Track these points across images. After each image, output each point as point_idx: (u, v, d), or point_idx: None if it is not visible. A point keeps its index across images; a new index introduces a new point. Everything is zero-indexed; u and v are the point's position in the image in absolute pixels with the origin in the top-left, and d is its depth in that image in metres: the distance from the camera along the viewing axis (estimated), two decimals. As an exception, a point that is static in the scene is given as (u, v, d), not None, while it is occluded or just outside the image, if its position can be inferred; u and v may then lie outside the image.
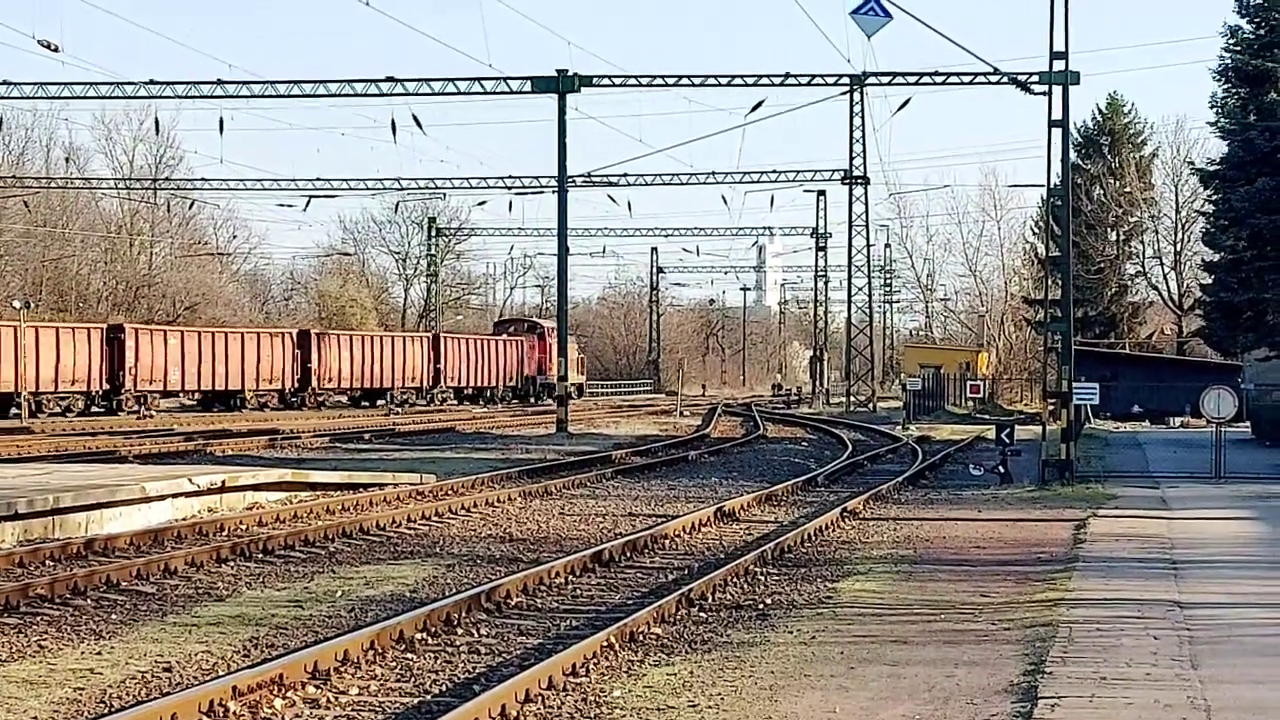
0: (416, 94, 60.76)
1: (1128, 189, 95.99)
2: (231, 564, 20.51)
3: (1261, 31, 59.59)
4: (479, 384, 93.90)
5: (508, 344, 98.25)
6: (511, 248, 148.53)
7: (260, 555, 21.26)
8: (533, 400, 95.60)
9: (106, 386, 67.99)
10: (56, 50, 53.79)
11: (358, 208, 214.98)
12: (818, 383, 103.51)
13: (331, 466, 34.82)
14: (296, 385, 79.08)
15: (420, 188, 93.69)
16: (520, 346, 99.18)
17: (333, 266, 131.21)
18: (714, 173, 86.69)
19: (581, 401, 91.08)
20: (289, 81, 61.59)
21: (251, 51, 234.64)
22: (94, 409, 66.89)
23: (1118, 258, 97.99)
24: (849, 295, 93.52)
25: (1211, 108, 63.65)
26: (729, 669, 14.02)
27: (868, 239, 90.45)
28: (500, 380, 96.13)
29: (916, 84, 60.52)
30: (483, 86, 59.86)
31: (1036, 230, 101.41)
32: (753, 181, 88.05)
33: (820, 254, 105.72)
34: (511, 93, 59.79)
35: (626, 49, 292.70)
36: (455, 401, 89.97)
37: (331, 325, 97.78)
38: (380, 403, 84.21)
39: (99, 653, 14.76)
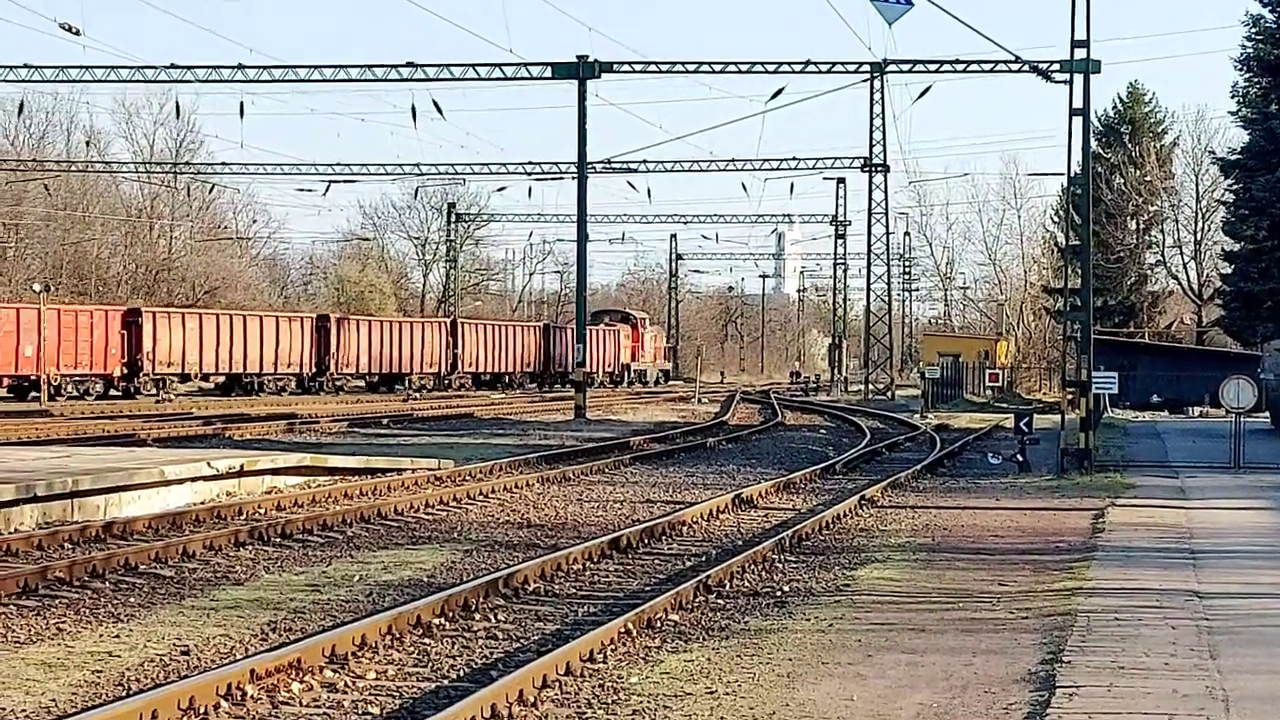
0: (437, 79, 60.83)
1: (1148, 178, 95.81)
2: (249, 548, 20.53)
3: (1284, 21, 59.41)
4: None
5: (605, 333, 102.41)
6: (531, 233, 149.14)
7: (278, 539, 21.28)
8: (627, 385, 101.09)
9: (314, 370, 77.52)
10: (78, 34, 53.86)
11: (377, 193, 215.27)
12: (836, 371, 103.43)
13: (349, 451, 34.86)
14: (449, 369, 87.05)
15: (440, 173, 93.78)
16: (617, 336, 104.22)
17: (352, 251, 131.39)
18: (734, 160, 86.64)
19: (599, 388, 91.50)
20: (310, 66, 61.74)
21: (273, 36, 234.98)
22: (292, 390, 75.75)
23: (1137, 247, 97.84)
24: (868, 283, 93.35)
25: (1233, 97, 63.56)
26: (746, 656, 14.01)
27: (887, 227, 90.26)
28: (599, 366, 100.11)
29: (937, 72, 60.46)
30: (503, 72, 59.87)
31: (1056, 219, 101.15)
32: (772, 169, 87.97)
33: (839, 242, 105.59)
34: (532, 79, 59.82)
35: (647, 35, 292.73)
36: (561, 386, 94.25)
37: (350, 310, 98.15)
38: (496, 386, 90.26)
39: (117, 635, 14.78)
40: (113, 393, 66.22)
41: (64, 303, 71.13)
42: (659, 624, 15.35)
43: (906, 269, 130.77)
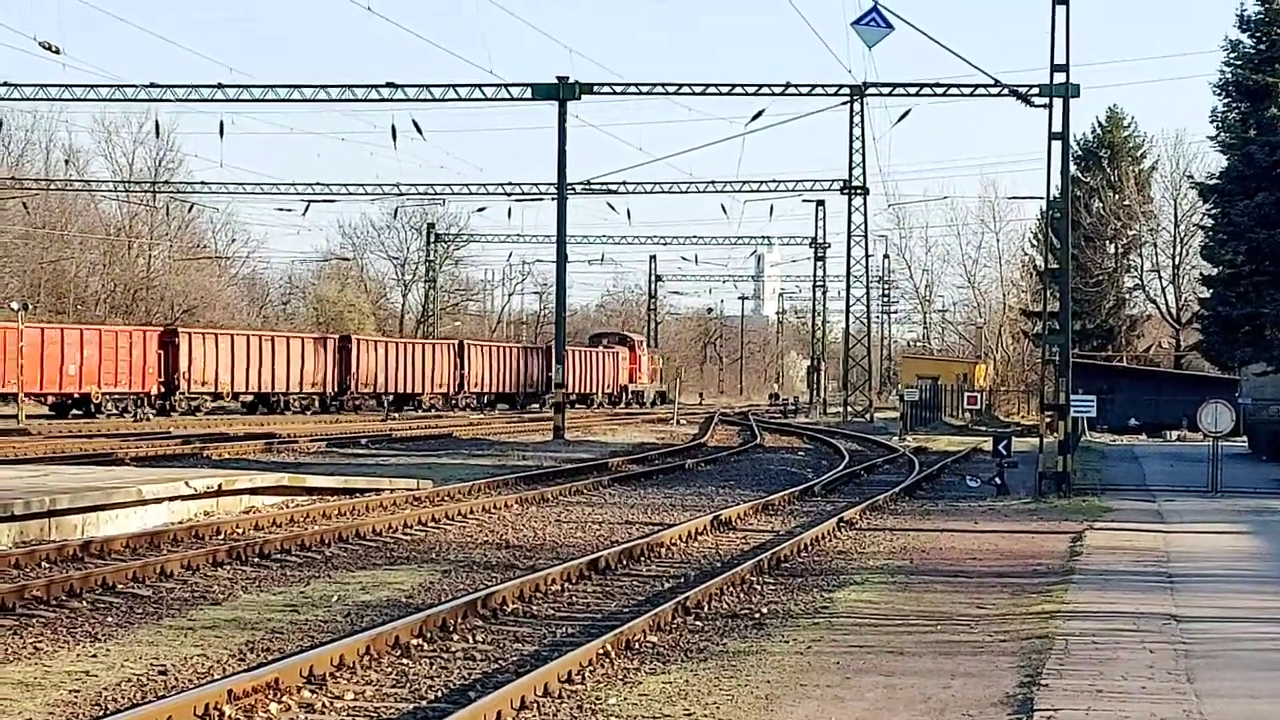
0: (417, 100, 60.87)
1: (1127, 202, 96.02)
2: (228, 568, 20.49)
3: (1262, 46, 59.53)
4: (581, 390, 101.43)
5: (605, 355, 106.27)
6: (510, 254, 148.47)
7: (256, 559, 21.25)
8: (624, 406, 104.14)
9: (335, 389, 79.99)
10: (57, 52, 53.85)
11: (357, 213, 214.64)
12: (815, 393, 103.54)
13: (328, 471, 34.81)
14: (456, 389, 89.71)
15: (420, 193, 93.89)
16: (616, 357, 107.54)
17: (331, 271, 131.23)
18: (713, 181, 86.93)
19: (578, 409, 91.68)
20: (290, 86, 61.71)
21: (252, 55, 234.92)
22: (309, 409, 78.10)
23: (1116, 271, 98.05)
24: (847, 305, 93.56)
25: (1211, 122, 63.69)
26: (725, 678, 14.00)
27: (866, 249, 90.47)
28: (599, 387, 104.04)
29: (917, 95, 60.66)
30: (483, 93, 59.94)
31: (1035, 242, 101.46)
32: (752, 190, 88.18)
33: (819, 264, 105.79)
34: (512, 99, 59.88)
35: (627, 57, 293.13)
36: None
37: (329, 330, 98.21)
38: (501, 406, 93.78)
39: (94, 655, 14.74)
40: (148, 409, 68.05)
41: (101, 323, 74.78)
42: (637, 645, 15.35)
43: (885, 291, 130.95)
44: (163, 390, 69.57)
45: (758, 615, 17.52)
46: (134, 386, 67.72)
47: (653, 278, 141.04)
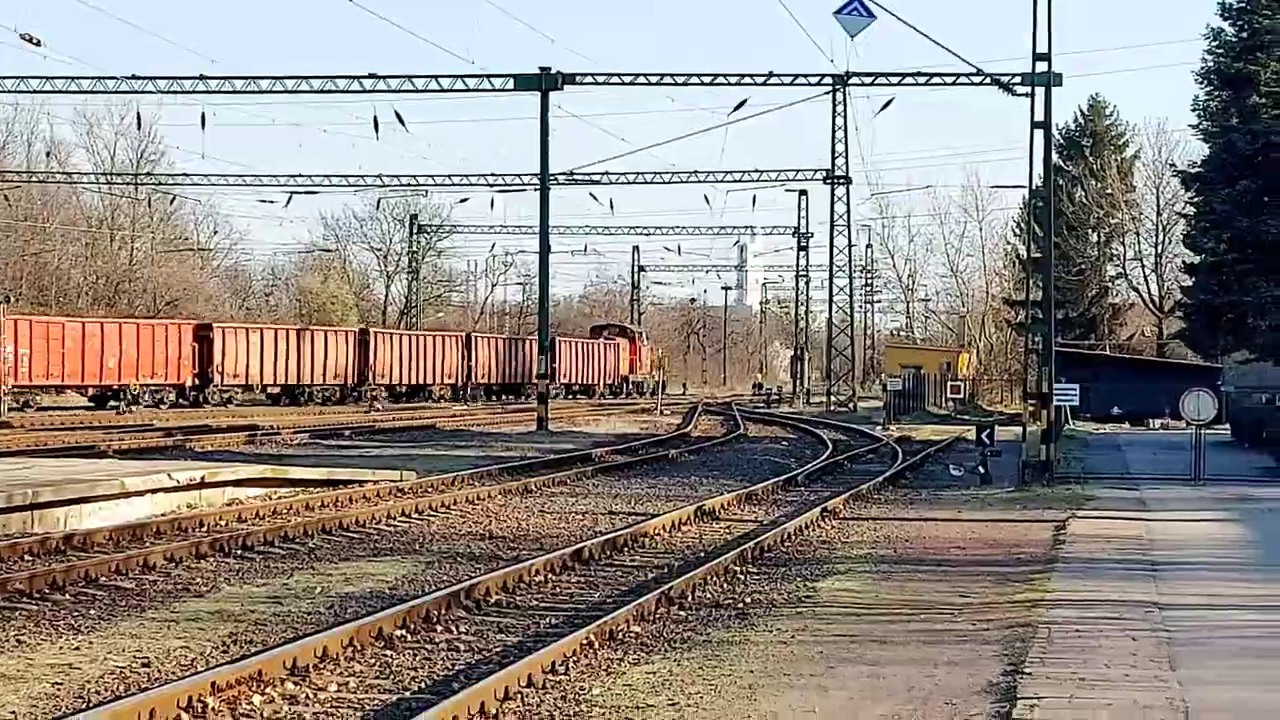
0: (399, 91, 60.62)
1: (1109, 191, 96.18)
2: (211, 560, 20.46)
3: (1244, 34, 59.55)
4: (584, 381, 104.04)
5: (606, 347, 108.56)
6: (493, 245, 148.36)
7: (239, 551, 21.22)
8: (624, 396, 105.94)
9: (355, 380, 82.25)
10: (38, 44, 53.66)
11: (339, 204, 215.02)
12: (798, 382, 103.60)
13: (311, 463, 34.76)
14: (464, 380, 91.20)
15: (402, 184, 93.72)
16: (616, 349, 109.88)
17: (314, 263, 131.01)
18: (696, 171, 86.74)
19: (562, 400, 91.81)
20: (271, 77, 61.44)
21: (234, 47, 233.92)
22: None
23: (1099, 259, 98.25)
24: (830, 295, 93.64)
25: (1193, 110, 63.62)
26: (708, 668, 14.01)
27: (849, 239, 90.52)
28: (600, 379, 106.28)
29: (899, 84, 60.51)
30: (465, 84, 59.76)
31: (1018, 231, 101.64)
32: (735, 181, 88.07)
33: (802, 254, 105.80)
34: (494, 90, 59.69)
35: (610, 47, 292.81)
36: (565, 397, 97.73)
37: (313, 322, 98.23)
38: (507, 396, 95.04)
39: (77, 648, 14.72)
40: (181, 402, 70.65)
41: (142, 317, 78.52)
42: (621, 636, 15.34)
43: (869, 281, 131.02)
44: (197, 382, 71.82)
45: (741, 605, 17.52)
46: (170, 379, 70.09)
47: (635, 268, 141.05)
